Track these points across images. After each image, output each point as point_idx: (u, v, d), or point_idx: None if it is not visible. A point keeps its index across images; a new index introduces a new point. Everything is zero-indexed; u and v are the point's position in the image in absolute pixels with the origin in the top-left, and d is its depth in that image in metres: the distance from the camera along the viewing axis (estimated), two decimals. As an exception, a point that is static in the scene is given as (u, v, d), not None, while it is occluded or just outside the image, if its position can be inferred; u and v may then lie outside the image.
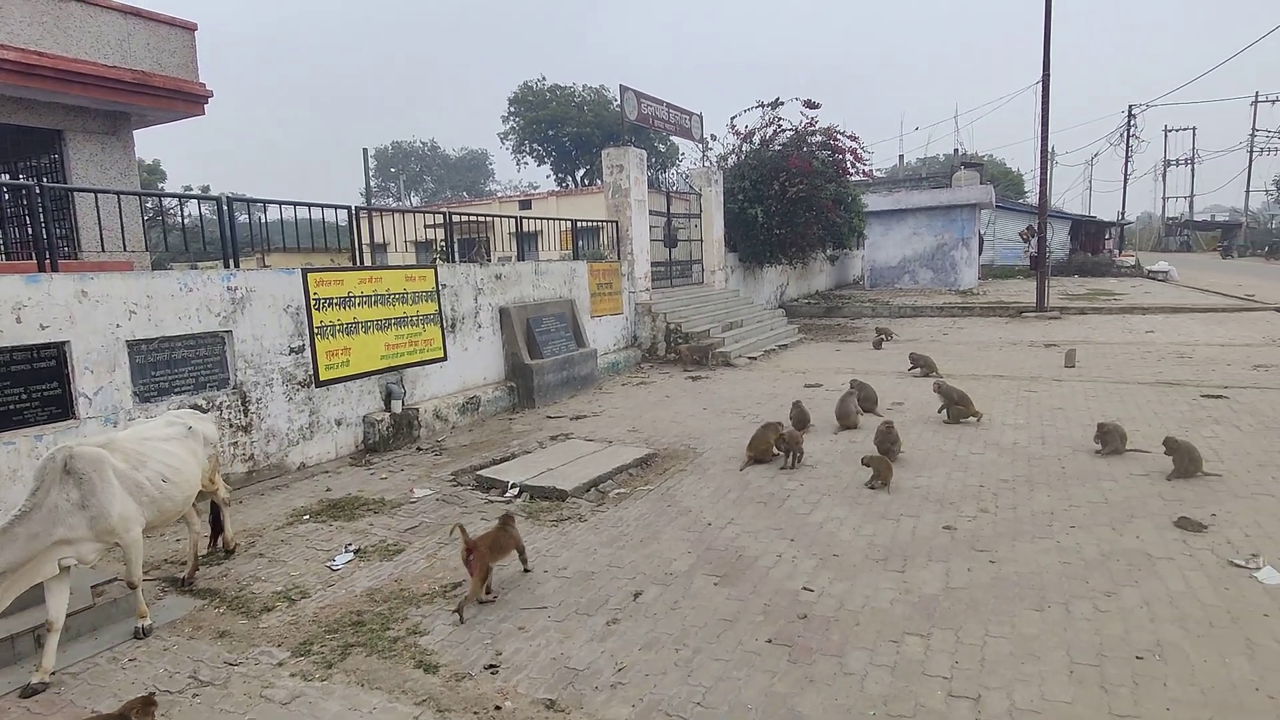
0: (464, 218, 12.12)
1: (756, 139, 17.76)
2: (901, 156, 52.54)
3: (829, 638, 3.51)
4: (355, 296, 7.30)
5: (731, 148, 18.08)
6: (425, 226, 11.32)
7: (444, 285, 8.45)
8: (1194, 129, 65.44)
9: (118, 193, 6.46)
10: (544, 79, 40.60)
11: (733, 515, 5.17)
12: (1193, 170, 65.81)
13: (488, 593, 4.02)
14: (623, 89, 12.97)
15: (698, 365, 11.73)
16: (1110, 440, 6.16)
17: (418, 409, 7.79)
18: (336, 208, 7.93)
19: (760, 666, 3.30)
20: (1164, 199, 68.19)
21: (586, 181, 39.16)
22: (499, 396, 8.96)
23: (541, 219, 12.01)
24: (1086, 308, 18.00)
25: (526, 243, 15.67)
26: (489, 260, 10.31)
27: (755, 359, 12.32)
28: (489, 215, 10.99)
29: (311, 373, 6.84)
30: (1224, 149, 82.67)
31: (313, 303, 6.86)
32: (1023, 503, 5.17)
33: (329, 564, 4.60)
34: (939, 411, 7.72)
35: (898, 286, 24.95)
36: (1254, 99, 55.47)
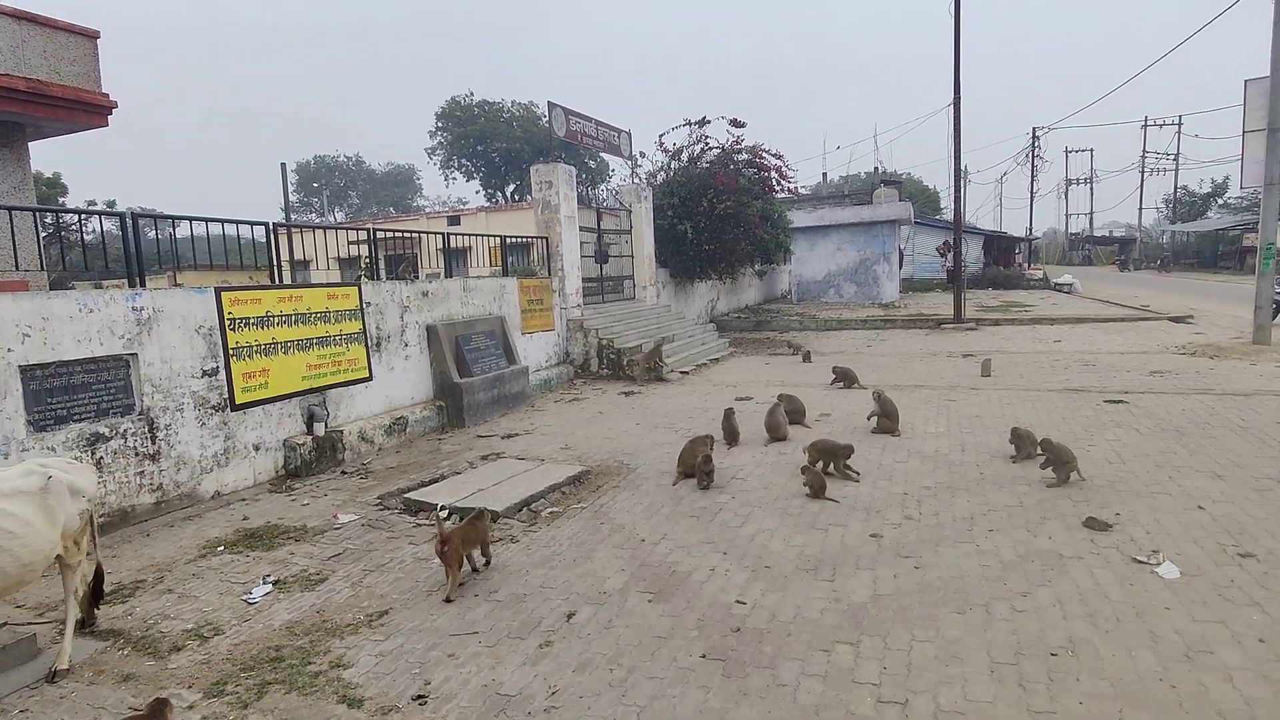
0: (390, 234, 11.87)
1: (685, 156, 18.03)
2: (825, 174, 54.29)
3: (762, 650, 3.54)
4: (274, 316, 7.03)
5: (660, 165, 18.33)
6: (350, 243, 11.02)
7: (369, 303, 8.22)
8: (1092, 150, 69.97)
9: (9, 208, 6.05)
10: (472, 94, 40.31)
11: (666, 531, 5.17)
12: (1092, 189, 70.25)
13: (474, 571, 4.54)
14: (551, 105, 12.99)
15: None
16: (1023, 446, 6.45)
17: (342, 431, 7.54)
18: (253, 224, 7.64)
19: (695, 683, 3.30)
20: (1067, 216, 72.40)
21: (517, 197, 38.99)
22: (427, 416, 8.75)
23: (471, 235, 11.86)
24: (1000, 319, 18.88)
25: (456, 259, 15.43)
26: (416, 277, 10.11)
27: (687, 373, 12.43)
28: (416, 231, 10.79)
29: (226, 396, 6.53)
30: (1119, 169, 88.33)
31: (228, 323, 6.57)
32: (944, 509, 5.35)
33: (245, 597, 4.38)
34: (869, 419, 7.93)
35: (824, 300, 25.64)
36: (1144, 123, 59.57)
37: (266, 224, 7.62)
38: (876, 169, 42.01)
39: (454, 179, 43.20)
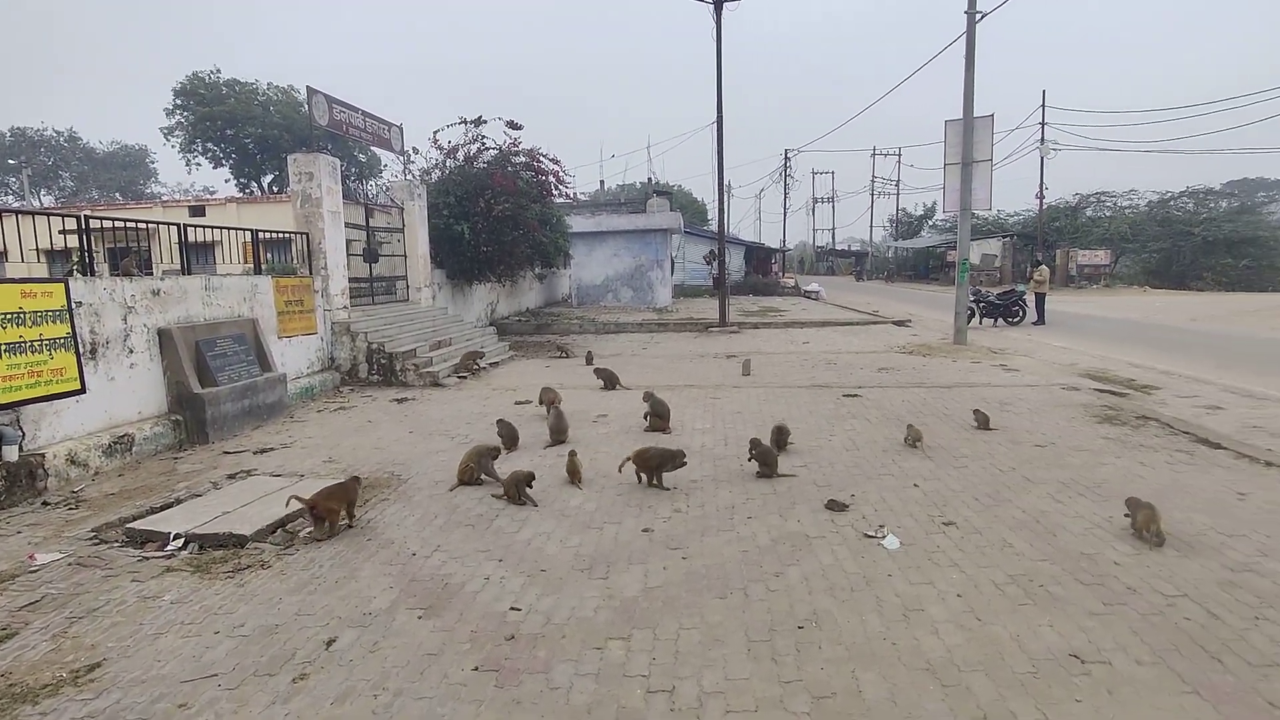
0: (113, 223, 10.22)
1: (461, 155, 17.56)
2: (602, 182, 55.81)
3: (536, 655, 3.51)
4: (-58, 317, 5.74)
5: (435, 162, 17.68)
6: (61, 233, 9.30)
7: (80, 303, 7.02)
8: (833, 173, 79.17)
9: None
10: (219, 71, 36.10)
11: (439, 542, 4.96)
12: (834, 207, 79.65)
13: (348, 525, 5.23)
14: (310, 91, 11.98)
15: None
16: (778, 436, 7.06)
17: (44, 454, 6.35)
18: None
19: (466, 698, 3.18)
20: (813, 230, 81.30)
21: (275, 189, 35.60)
22: (160, 433, 7.66)
23: (217, 228, 10.56)
24: (759, 323, 20.62)
25: (200, 255, 13.71)
26: (141, 274, 8.79)
27: (465, 378, 12.10)
28: (146, 221, 9.37)
29: None
30: (855, 190, 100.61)
31: None
32: (709, 500, 5.70)
33: (-104, 667, 3.51)
34: (644, 418, 8.23)
35: (603, 304, 26.34)
36: (872, 152, 68.46)
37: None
38: (650, 179, 43.97)
39: (198, 165, 38.33)
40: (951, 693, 3.12)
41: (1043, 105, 40.69)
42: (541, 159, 18.07)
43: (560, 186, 18.60)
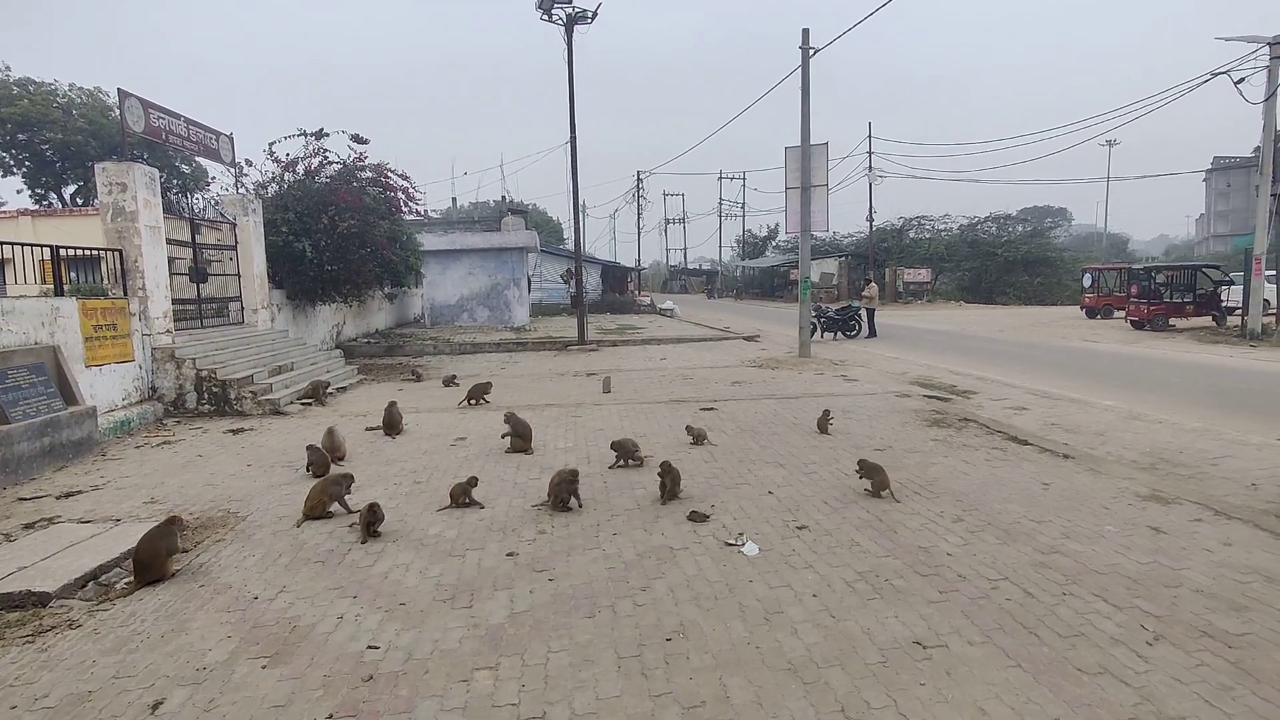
0: None
1: (300, 169, 16.57)
2: (455, 199, 54.74)
3: (398, 694, 3.31)
4: None
5: (271, 176, 16.56)
6: None
7: None
8: (683, 195, 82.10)
9: None
10: (9, 69, 32.00)
11: (285, 582, 4.59)
12: (684, 228, 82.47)
13: None
14: (122, 94, 10.88)
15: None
16: (622, 453, 7.13)
17: None
18: None
19: (320, 749, 2.95)
20: (667, 249, 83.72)
21: (80, 201, 31.98)
22: (-65, 480, 6.59)
23: (7, 243, 9.28)
24: (618, 340, 20.88)
25: (-16, 274, 12.03)
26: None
27: (310, 404, 11.34)
28: (-89, 235, 8.09)
29: None
30: (706, 212, 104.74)
31: None
32: (574, 519, 5.65)
33: None
34: (503, 438, 8.06)
35: (458, 324, 25.67)
36: (719, 175, 71.60)
37: None
38: (504, 197, 43.54)
39: (-18, 172, 33.65)
40: (812, 689, 3.27)
41: (869, 135, 44.27)
42: (390, 174, 17.42)
43: (410, 203, 18.02)
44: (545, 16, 18.54)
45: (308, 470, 7.03)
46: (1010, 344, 19.54)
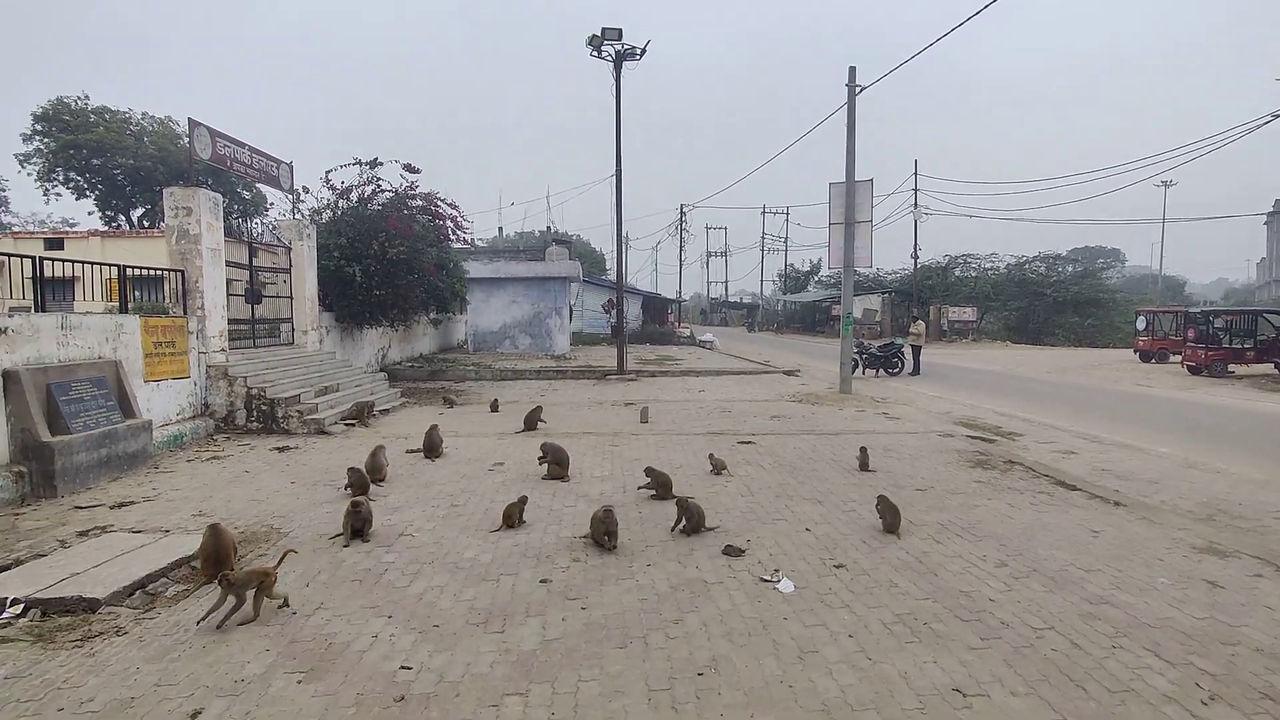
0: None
1: (354, 196, 17.13)
2: (501, 229, 55.87)
3: (428, 716, 3.33)
4: None
5: (326, 202, 17.15)
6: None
7: (-92, 340, 6.29)
8: (726, 229, 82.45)
9: None
10: (87, 97, 33.76)
11: (323, 599, 4.67)
12: (726, 261, 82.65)
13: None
14: (192, 123, 11.43)
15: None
16: (659, 486, 7.10)
17: None
18: None
19: (350, 767, 2.97)
20: (708, 282, 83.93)
21: (146, 223, 33.42)
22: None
23: (77, 262, 9.76)
24: (656, 371, 20.90)
25: (58, 291, 12.64)
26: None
27: (353, 425, 11.57)
28: (-6, 253, 8.56)
29: None
30: (748, 246, 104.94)
31: None
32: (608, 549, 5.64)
33: None
34: (540, 464, 8.11)
35: (500, 351, 26.01)
36: (763, 210, 71.80)
37: None
38: (549, 228, 44.34)
39: (58, 195, 35.42)
40: (846, 733, 3.19)
41: (915, 173, 44.09)
42: (439, 203, 17.89)
43: (458, 231, 18.46)
44: (595, 53, 18.97)
45: (346, 490, 7.15)
46: (1059, 386, 19.04)
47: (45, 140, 33.09)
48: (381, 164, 17.33)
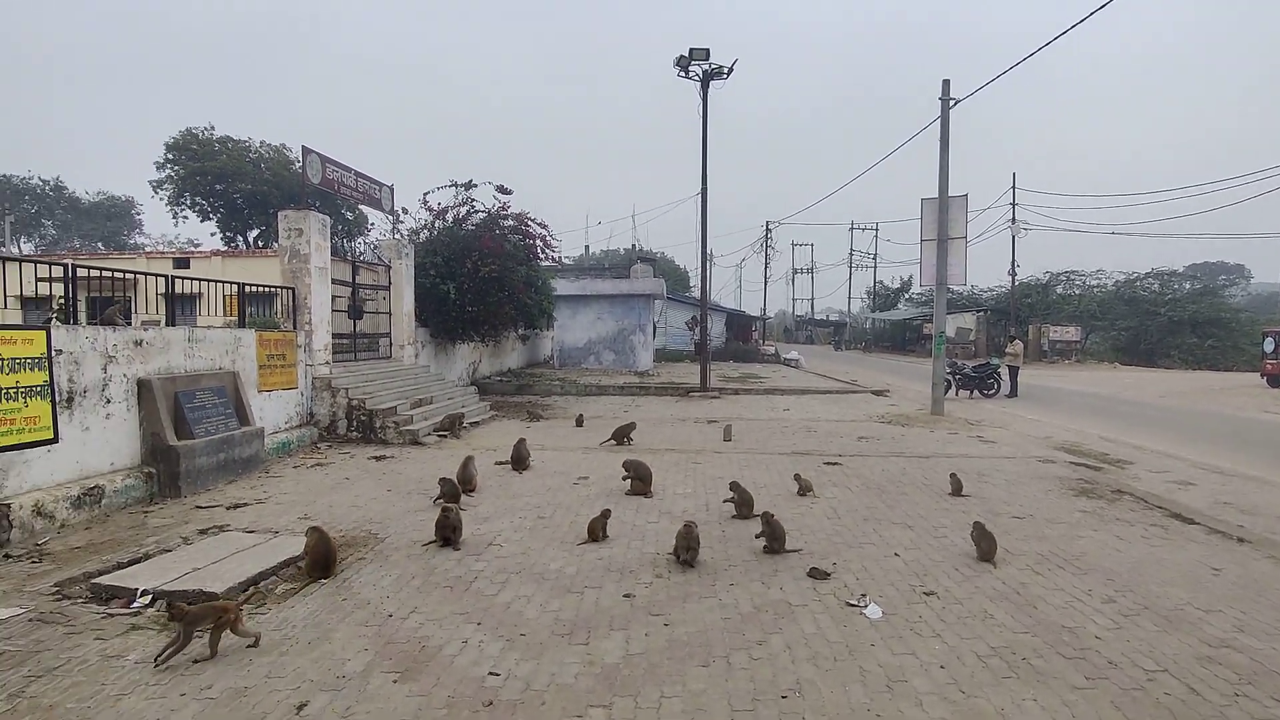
0: (99, 272, 10.22)
1: (450, 217, 17.87)
2: (587, 247, 56.85)
3: (515, 722, 3.42)
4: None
5: (424, 223, 17.96)
6: (40, 280, 9.25)
7: (60, 351, 6.96)
8: (813, 245, 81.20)
9: None
10: (213, 128, 36.55)
11: (416, 604, 4.87)
12: (813, 278, 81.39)
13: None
14: (305, 150, 12.23)
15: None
16: (741, 506, 7.04)
17: (9, 505, 6.18)
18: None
19: (442, 766, 3.09)
20: (793, 299, 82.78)
21: (260, 243, 35.72)
22: (132, 485, 7.49)
23: (202, 280, 10.58)
24: (739, 389, 20.75)
25: (183, 306, 13.70)
26: (125, 323, 8.74)
27: (445, 437, 12.01)
28: (131, 271, 9.39)
29: None
30: (835, 263, 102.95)
31: None
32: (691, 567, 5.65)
33: None
34: (624, 480, 8.20)
35: (584, 366, 26.41)
36: (850, 226, 70.40)
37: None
38: (634, 246, 44.84)
39: (185, 218, 38.41)
40: (937, 767, 3.08)
41: (1013, 187, 42.32)
42: (530, 223, 18.42)
43: (547, 250, 18.93)
44: (683, 74, 19.18)
45: (439, 501, 7.42)
46: (1173, 411, 17.78)
47: (175, 168, 36.00)
48: (475, 185, 18.04)
